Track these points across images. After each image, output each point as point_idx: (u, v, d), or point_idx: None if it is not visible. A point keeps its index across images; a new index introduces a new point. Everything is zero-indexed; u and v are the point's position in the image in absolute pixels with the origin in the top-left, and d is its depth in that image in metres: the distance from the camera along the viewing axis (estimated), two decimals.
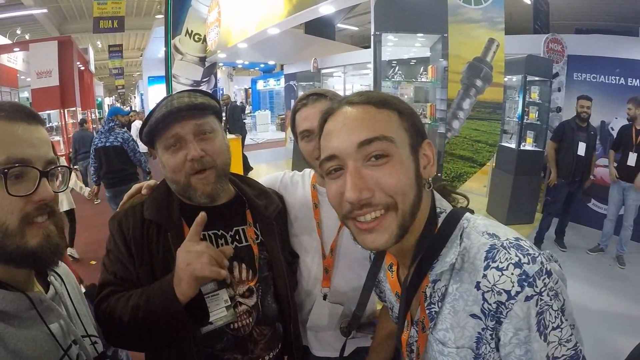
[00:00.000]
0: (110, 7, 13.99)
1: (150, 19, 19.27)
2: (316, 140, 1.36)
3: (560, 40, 6.72)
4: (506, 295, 0.72)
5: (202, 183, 1.23)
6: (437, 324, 0.84)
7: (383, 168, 0.79)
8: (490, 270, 0.75)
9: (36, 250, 0.81)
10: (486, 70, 3.86)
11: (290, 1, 6.05)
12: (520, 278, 0.72)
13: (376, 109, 0.83)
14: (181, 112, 1.20)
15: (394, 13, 4.01)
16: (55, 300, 0.93)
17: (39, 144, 0.85)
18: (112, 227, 1.27)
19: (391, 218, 0.80)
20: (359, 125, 0.81)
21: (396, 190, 0.79)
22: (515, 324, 0.73)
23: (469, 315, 0.78)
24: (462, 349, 0.80)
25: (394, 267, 1.00)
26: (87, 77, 19.87)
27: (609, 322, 3.81)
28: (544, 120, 6.37)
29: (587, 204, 6.53)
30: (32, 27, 17.96)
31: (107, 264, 1.24)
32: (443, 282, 0.83)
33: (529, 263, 0.73)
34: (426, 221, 0.86)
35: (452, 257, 0.80)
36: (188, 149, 1.21)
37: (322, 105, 1.41)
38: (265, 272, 1.35)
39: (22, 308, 0.83)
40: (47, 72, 14.03)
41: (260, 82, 25.61)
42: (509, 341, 0.74)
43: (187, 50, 10.52)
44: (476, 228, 0.83)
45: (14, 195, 0.79)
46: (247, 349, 1.28)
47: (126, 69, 28.66)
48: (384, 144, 0.79)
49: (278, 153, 13.82)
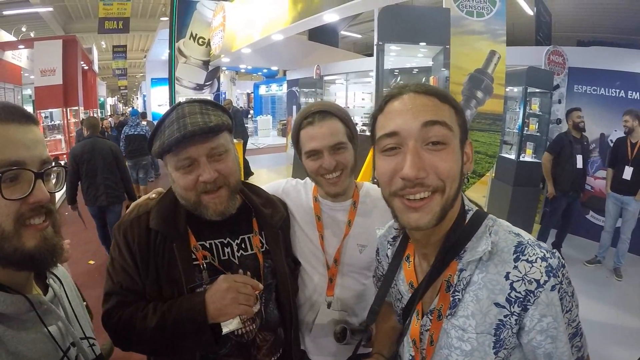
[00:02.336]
0: (116, 8, 14.08)
1: (155, 21, 19.37)
2: (322, 159, 1.40)
3: (562, 53, 6.76)
4: (536, 284, 0.82)
5: (214, 202, 1.23)
6: (459, 311, 0.90)
7: (440, 154, 0.85)
8: (521, 262, 0.84)
9: (34, 253, 0.81)
10: (487, 82, 3.90)
11: (295, 8, 6.11)
12: (547, 270, 0.83)
13: (439, 101, 0.89)
14: (195, 136, 1.18)
15: (397, 24, 4.06)
16: (54, 302, 0.93)
17: (33, 144, 0.84)
18: (118, 236, 1.27)
19: (437, 200, 0.87)
20: (425, 109, 0.87)
21: (448, 175, 0.86)
22: (541, 310, 0.82)
23: (493, 304, 0.86)
24: (482, 335, 0.87)
25: (410, 258, 1.05)
26: (91, 76, 19.91)
27: (606, 334, 3.82)
28: (544, 132, 6.40)
29: (585, 215, 6.54)
30: (37, 25, 18.04)
31: (112, 273, 1.26)
32: (468, 271, 0.90)
33: (551, 258, 0.84)
34: (457, 215, 0.94)
35: (484, 248, 0.88)
36: (201, 170, 1.20)
37: (330, 124, 1.43)
38: (269, 279, 1.37)
39: (22, 310, 0.83)
40: (51, 71, 14.06)
41: (263, 87, 25.67)
42: (533, 327, 0.84)
43: (191, 54, 10.59)
44: (502, 227, 0.92)
45: (9, 199, 0.79)
46: (250, 354, 1.31)
47: (129, 70, 28.75)
48: (444, 130, 0.86)
49: (279, 158, 13.83)
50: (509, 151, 6.62)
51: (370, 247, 1.53)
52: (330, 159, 1.43)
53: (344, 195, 1.57)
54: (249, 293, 1.15)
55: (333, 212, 1.58)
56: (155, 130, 1.27)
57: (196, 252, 1.26)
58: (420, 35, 4.09)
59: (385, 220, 1.54)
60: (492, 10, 3.89)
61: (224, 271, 1.26)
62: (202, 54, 10.68)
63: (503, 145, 6.67)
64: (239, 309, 1.14)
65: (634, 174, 4.97)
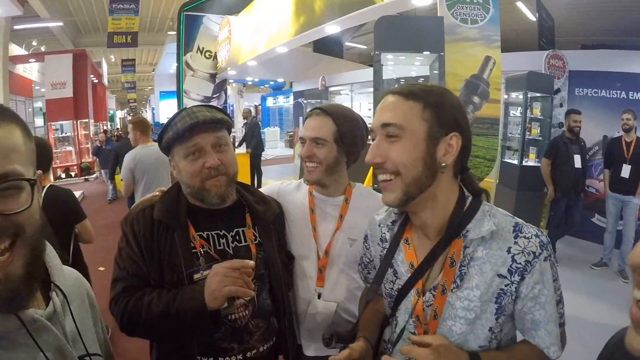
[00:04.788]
0: (125, 22, 14.29)
1: (162, 35, 19.61)
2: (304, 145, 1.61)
3: (561, 56, 6.81)
4: (533, 255, 1.00)
5: (215, 186, 1.39)
6: (464, 284, 1.05)
7: (392, 145, 1.05)
8: (520, 238, 1.02)
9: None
10: (483, 87, 3.96)
11: (298, 21, 6.23)
12: (540, 244, 1.02)
13: (404, 99, 1.07)
14: (206, 124, 1.38)
15: (394, 33, 4.14)
16: (53, 319, 0.82)
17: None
18: (125, 227, 1.43)
19: (397, 183, 1.05)
20: (386, 110, 1.08)
21: (399, 162, 1.04)
22: (535, 278, 1.01)
23: (496, 275, 1.02)
24: (486, 303, 1.03)
25: (410, 241, 1.18)
26: (100, 89, 20.26)
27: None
28: (546, 136, 6.44)
29: (590, 219, 6.55)
30: (47, 39, 18.35)
31: (120, 261, 1.40)
32: (471, 248, 1.05)
33: (542, 235, 1.04)
34: (456, 201, 1.10)
35: (488, 227, 1.03)
36: (207, 157, 1.38)
37: (319, 120, 1.61)
38: (261, 270, 1.48)
39: (11, 328, 0.73)
40: (61, 84, 14.40)
41: (270, 99, 25.91)
42: (527, 294, 1.01)
43: (198, 67, 10.73)
44: (499, 211, 1.10)
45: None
46: (243, 339, 1.41)
47: (138, 83, 29.10)
48: (395, 129, 1.04)
49: (286, 169, 13.94)
50: (512, 156, 6.65)
51: (359, 241, 1.60)
52: (307, 149, 1.61)
53: (336, 191, 1.69)
54: (235, 276, 1.24)
55: (325, 206, 1.69)
56: (166, 126, 1.45)
57: (194, 241, 1.40)
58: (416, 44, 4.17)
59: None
60: (485, 17, 3.96)
61: (219, 259, 1.38)
62: (209, 67, 10.83)
63: (506, 150, 6.71)
64: (224, 291, 1.22)
65: (632, 172, 5.02)
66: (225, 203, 1.46)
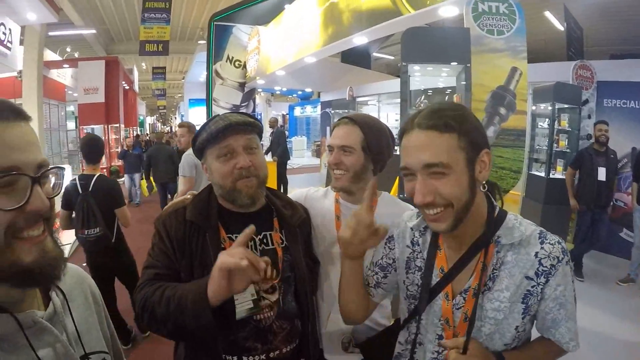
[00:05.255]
0: (156, 31, 14.56)
1: (193, 44, 20.01)
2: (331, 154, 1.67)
3: (589, 67, 6.67)
4: (557, 259, 1.09)
5: (246, 186, 1.45)
6: (495, 286, 1.13)
7: (441, 181, 1.06)
8: (545, 244, 1.11)
9: (33, 267, 0.73)
10: (510, 99, 3.98)
11: (326, 31, 6.34)
12: (562, 250, 1.11)
13: (439, 133, 1.06)
14: (239, 126, 1.45)
15: (421, 44, 4.20)
16: (54, 319, 0.85)
17: (28, 146, 0.75)
18: (158, 225, 1.50)
19: (448, 213, 1.08)
20: (424, 150, 1.07)
21: (450, 197, 1.06)
22: (558, 280, 1.09)
23: (524, 277, 1.10)
24: (514, 304, 1.11)
25: (441, 246, 1.23)
26: (131, 96, 20.72)
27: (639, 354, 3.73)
28: (574, 148, 6.28)
29: (618, 233, 6.39)
30: (81, 46, 18.88)
31: (152, 254, 1.46)
32: (502, 253, 1.13)
33: (563, 242, 1.13)
34: (487, 212, 1.17)
35: (519, 234, 1.12)
36: (238, 159, 1.44)
37: (348, 129, 1.67)
38: (287, 273, 1.53)
39: (10, 331, 0.75)
40: (93, 89, 14.86)
41: (298, 108, 26.10)
42: (550, 295, 1.10)
43: (228, 76, 10.93)
44: (524, 220, 1.17)
45: (4, 210, 0.70)
46: (267, 339, 1.45)
47: (168, 91, 29.61)
48: (440, 168, 1.05)
49: (312, 178, 13.86)
50: (539, 169, 6.55)
51: None
52: (335, 156, 1.66)
53: (361, 199, 1.71)
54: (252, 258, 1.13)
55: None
56: (200, 130, 1.53)
57: (225, 242, 1.45)
58: (443, 55, 4.20)
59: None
60: (512, 28, 3.99)
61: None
62: (238, 76, 11.03)
63: (533, 162, 6.61)
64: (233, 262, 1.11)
65: None
66: (255, 205, 1.52)
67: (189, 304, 1.20)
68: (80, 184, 3.49)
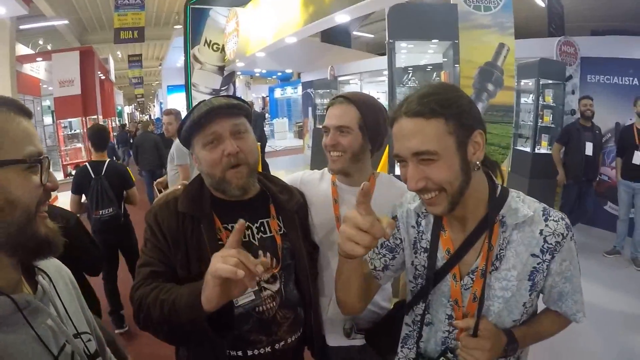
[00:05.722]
0: (131, 18, 14.20)
1: (169, 29, 19.58)
2: (327, 135, 1.59)
3: (573, 43, 6.74)
4: (561, 236, 1.10)
5: (236, 177, 1.36)
6: (502, 265, 1.13)
7: (431, 167, 1.04)
8: (550, 221, 1.11)
9: (47, 238, 0.83)
10: (497, 75, 3.95)
11: (307, 10, 6.20)
12: (566, 225, 1.12)
13: (425, 120, 1.04)
14: (221, 109, 1.35)
15: (407, 21, 4.13)
16: (44, 300, 0.90)
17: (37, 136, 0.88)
18: (150, 219, 1.41)
19: (442, 197, 1.07)
20: (411, 138, 1.05)
21: (441, 181, 1.05)
22: (564, 256, 1.11)
23: (530, 255, 1.11)
24: (521, 281, 1.12)
25: (445, 228, 1.22)
26: (108, 86, 20.31)
27: (628, 324, 3.78)
28: (559, 123, 6.39)
29: (603, 206, 6.51)
30: (53, 38, 18.32)
31: (145, 251, 1.37)
32: (507, 232, 1.13)
33: (566, 218, 1.13)
34: (489, 191, 1.16)
35: (525, 213, 1.11)
36: (225, 145, 1.35)
37: (343, 108, 1.59)
38: (287, 260, 1.47)
39: (7, 312, 0.79)
40: (69, 82, 14.38)
41: (278, 90, 25.80)
42: (556, 270, 1.12)
43: (206, 60, 10.71)
44: (526, 197, 1.17)
45: (44, 184, 0.83)
46: (271, 330, 1.40)
47: (145, 78, 29.07)
48: (428, 155, 1.03)
49: (296, 160, 13.91)
50: (524, 144, 6.62)
51: None
52: (331, 138, 1.58)
53: (360, 180, 1.63)
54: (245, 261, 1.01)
55: (349, 196, 1.66)
56: (184, 118, 1.44)
57: (220, 233, 1.38)
58: (430, 32, 4.15)
59: None
60: (499, 4, 3.94)
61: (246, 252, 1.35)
62: (217, 59, 10.81)
63: (518, 138, 6.67)
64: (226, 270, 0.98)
65: None
66: (247, 194, 1.44)
67: (182, 310, 1.11)
68: (92, 169, 3.84)
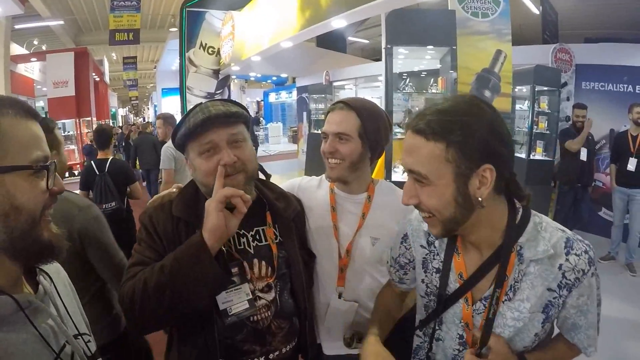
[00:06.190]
0: (126, 19, 14.18)
1: (164, 31, 19.57)
2: (326, 141, 1.55)
3: (568, 50, 6.78)
4: (582, 272, 1.03)
5: (231, 185, 1.28)
6: (516, 296, 1.07)
7: (423, 189, 1.02)
8: (571, 255, 1.03)
9: (50, 242, 0.83)
10: (494, 81, 3.97)
11: (303, 15, 6.19)
12: (589, 260, 1.04)
13: (424, 140, 0.99)
14: (219, 118, 1.30)
15: (404, 27, 4.13)
16: (45, 300, 0.90)
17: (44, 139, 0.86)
18: (144, 220, 1.37)
19: (435, 221, 1.04)
20: (408, 154, 1.03)
21: (429, 207, 1.02)
22: (581, 291, 1.04)
23: (546, 289, 1.05)
24: (535, 314, 1.06)
25: (459, 250, 1.17)
26: (102, 88, 20.22)
27: (623, 330, 3.80)
28: (554, 130, 6.39)
29: (597, 212, 6.54)
30: (49, 38, 18.32)
31: (139, 249, 1.33)
32: (524, 265, 1.06)
33: (590, 250, 1.05)
34: (508, 217, 1.08)
35: (544, 249, 1.04)
36: (222, 155, 1.30)
37: (343, 115, 1.55)
38: (283, 269, 1.44)
39: (9, 311, 0.79)
40: (63, 82, 14.35)
41: (273, 94, 25.81)
42: (571, 304, 1.06)
43: (201, 63, 10.71)
44: (549, 224, 1.09)
45: (50, 189, 0.82)
46: (265, 340, 1.36)
47: (140, 81, 29.05)
48: (419, 177, 1.01)
49: (291, 164, 13.85)
50: (519, 150, 6.61)
51: (382, 240, 1.59)
52: (330, 145, 1.54)
53: (359, 188, 1.64)
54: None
55: (348, 204, 1.64)
56: (180, 122, 1.39)
57: None
58: (428, 37, 4.16)
59: (399, 216, 1.63)
60: (496, 11, 3.96)
61: (240, 259, 1.34)
62: (212, 63, 10.80)
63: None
64: (230, 191, 1.20)
65: (639, 166, 5.02)
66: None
67: (186, 256, 1.17)
68: (96, 167, 4.09)
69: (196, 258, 1.16)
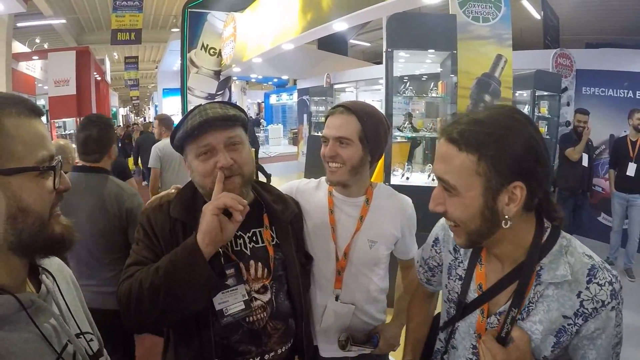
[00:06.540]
0: (128, 19, 14.18)
1: (166, 32, 19.58)
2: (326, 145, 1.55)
3: (569, 55, 6.80)
4: (601, 303, 0.97)
5: (228, 188, 1.31)
6: (529, 317, 1.04)
7: (451, 199, 1.01)
8: (592, 284, 0.98)
9: (62, 236, 0.83)
10: (494, 86, 3.97)
11: (305, 17, 6.21)
12: (612, 293, 0.98)
13: (457, 150, 0.98)
14: (216, 121, 1.32)
15: (405, 30, 4.14)
16: (47, 299, 0.89)
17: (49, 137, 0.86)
18: (143, 221, 1.39)
19: (460, 230, 1.04)
20: (439, 162, 1.02)
21: (454, 217, 1.02)
22: (598, 324, 0.98)
23: (562, 315, 1.00)
24: (546, 337, 1.03)
25: (482, 261, 1.17)
26: (103, 87, 20.16)
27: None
28: (554, 135, 6.40)
29: (597, 217, 6.54)
30: (50, 37, 18.33)
31: (136, 250, 1.35)
32: (543, 286, 1.03)
33: (616, 282, 0.99)
34: (534, 234, 1.05)
35: (563, 274, 1.00)
36: (218, 157, 1.32)
37: (344, 119, 1.54)
38: (279, 271, 1.45)
39: (11, 311, 0.78)
40: (64, 81, 14.26)
41: (273, 96, 25.84)
42: (584, 334, 1.00)
43: (203, 64, 10.71)
44: (576, 248, 1.04)
45: (56, 188, 0.82)
46: (261, 341, 1.37)
47: (141, 81, 29.03)
48: (448, 186, 1.00)
49: (290, 166, 13.86)
50: None
51: (380, 243, 1.61)
52: (330, 149, 1.53)
53: (357, 192, 1.64)
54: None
55: (346, 207, 1.64)
56: (179, 124, 1.40)
57: None
58: (428, 42, 4.17)
59: (397, 219, 1.63)
60: (497, 15, 3.97)
61: (237, 260, 1.36)
62: (213, 64, 10.81)
63: None
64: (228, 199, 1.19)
65: (638, 171, 5.04)
66: None
67: (180, 259, 1.18)
68: None
69: (189, 260, 1.17)
